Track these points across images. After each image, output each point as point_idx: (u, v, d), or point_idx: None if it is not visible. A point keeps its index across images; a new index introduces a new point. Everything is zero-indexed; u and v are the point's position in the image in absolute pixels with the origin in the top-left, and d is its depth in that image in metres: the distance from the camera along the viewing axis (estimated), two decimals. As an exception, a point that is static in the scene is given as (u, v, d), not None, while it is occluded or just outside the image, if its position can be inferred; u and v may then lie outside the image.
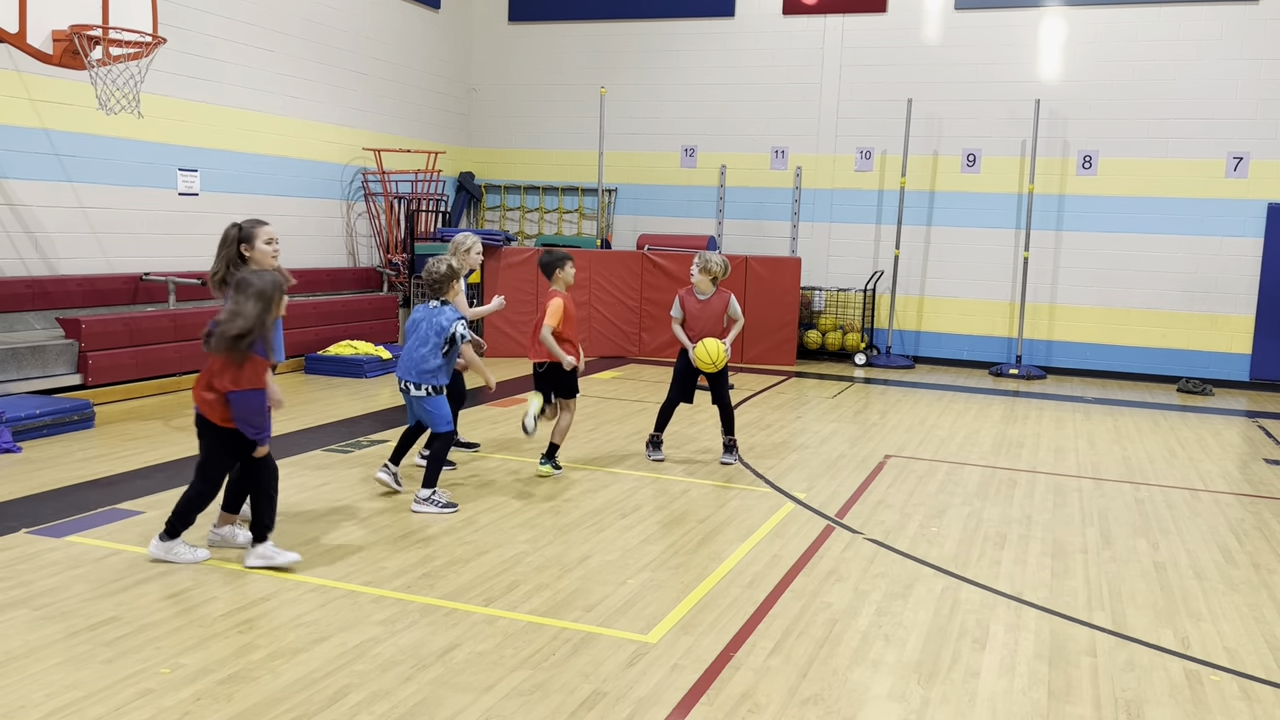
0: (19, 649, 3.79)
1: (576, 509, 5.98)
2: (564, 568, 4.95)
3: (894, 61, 13.47)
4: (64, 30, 6.85)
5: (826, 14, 13.73)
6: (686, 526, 5.73)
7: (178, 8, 9.81)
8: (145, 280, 9.69)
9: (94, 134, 9.29)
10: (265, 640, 3.96)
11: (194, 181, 10.50)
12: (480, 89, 15.45)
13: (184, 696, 3.48)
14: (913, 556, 5.37)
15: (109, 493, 5.91)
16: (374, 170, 12.94)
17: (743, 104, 14.18)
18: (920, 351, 13.66)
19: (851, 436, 8.54)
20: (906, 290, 13.65)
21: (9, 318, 8.54)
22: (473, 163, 15.42)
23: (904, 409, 10.06)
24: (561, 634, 4.15)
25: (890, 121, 13.48)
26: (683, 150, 14.54)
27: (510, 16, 15.21)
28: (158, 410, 8.38)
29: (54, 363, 8.25)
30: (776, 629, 4.30)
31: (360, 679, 3.67)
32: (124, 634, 3.96)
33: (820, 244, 13.99)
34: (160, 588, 4.46)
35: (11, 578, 4.51)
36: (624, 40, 14.67)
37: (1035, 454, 8.17)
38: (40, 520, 5.33)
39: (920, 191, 13.50)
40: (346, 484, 6.33)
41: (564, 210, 15.16)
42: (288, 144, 11.79)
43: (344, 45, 12.63)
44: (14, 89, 8.57)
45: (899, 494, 6.68)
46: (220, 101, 10.77)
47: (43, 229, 8.96)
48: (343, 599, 4.42)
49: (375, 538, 5.30)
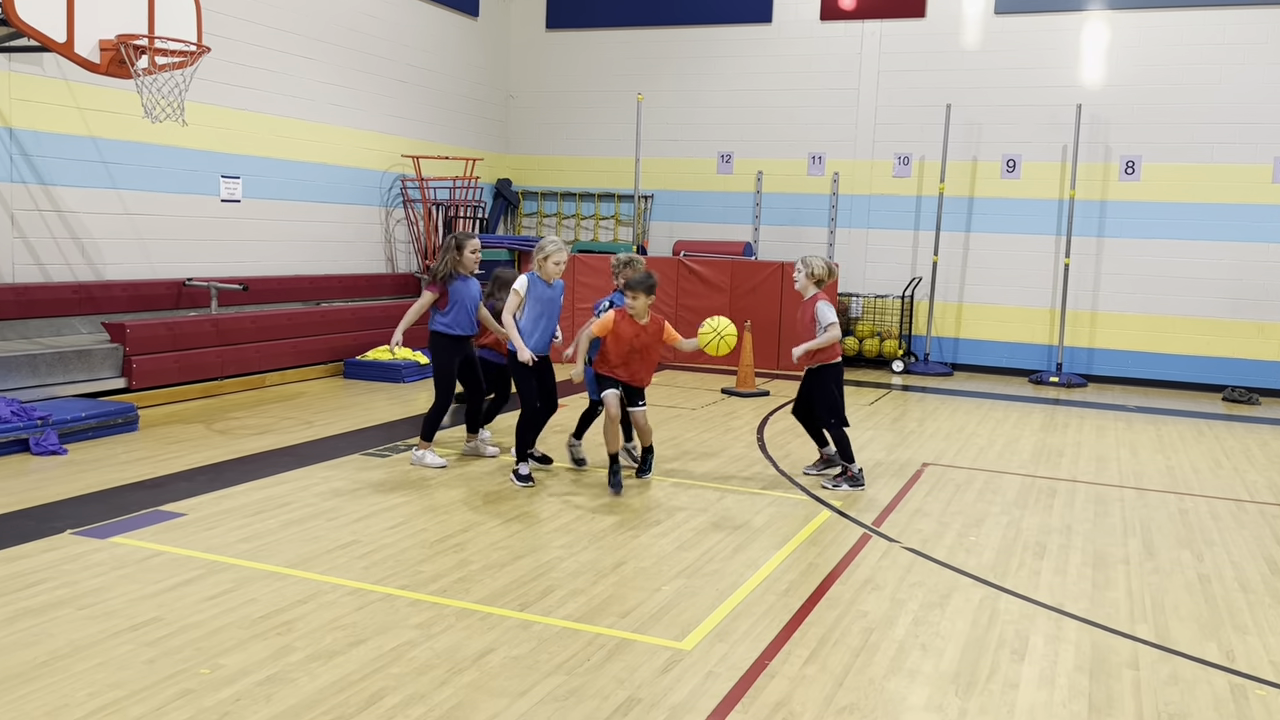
0: (63, 648, 3.86)
1: (612, 515, 5.98)
2: (598, 573, 4.95)
3: (932, 67, 13.37)
4: (111, 40, 6.98)
5: (864, 19, 13.66)
6: (721, 533, 5.71)
7: (222, 17, 9.96)
8: (188, 286, 9.84)
9: (139, 142, 9.46)
10: (303, 642, 4.00)
11: (236, 188, 10.65)
12: (518, 96, 15.53)
13: (223, 697, 3.52)
14: (950, 566, 5.31)
15: (152, 495, 6.01)
16: (413, 177, 13.05)
17: (780, 110, 14.14)
18: (959, 359, 13.54)
19: (889, 444, 8.48)
20: (945, 297, 13.53)
21: (56, 322, 8.71)
22: (510, 169, 15.51)
23: (942, 416, 9.96)
24: (596, 640, 4.15)
25: (928, 127, 13.38)
26: (719, 156, 14.52)
27: (548, 24, 15.28)
28: (199, 413, 8.50)
29: (99, 366, 8.39)
30: (812, 637, 4.28)
31: (396, 682, 3.70)
32: (165, 634, 4.02)
33: (857, 250, 13.91)
34: (201, 589, 4.52)
35: (57, 578, 4.59)
36: (661, 47, 14.69)
37: (1076, 463, 8.06)
38: (85, 521, 5.43)
39: (959, 197, 13.39)
40: (384, 488, 6.38)
41: (600, 216, 15.20)
42: (328, 151, 11.93)
43: (384, 53, 12.76)
44: (62, 98, 8.75)
45: (937, 502, 6.62)
46: (262, 109, 10.92)
47: (89, 235, 9.13)
48: (379, 602, 4.46)
49: (412, 542, 5.34)
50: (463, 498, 6.22)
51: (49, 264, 8.78)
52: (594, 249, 14.05)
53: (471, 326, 6.96)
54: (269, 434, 7.84)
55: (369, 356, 10.84)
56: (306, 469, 6.78)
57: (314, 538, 5.31)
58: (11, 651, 3.80)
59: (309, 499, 6.06)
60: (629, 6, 14.81)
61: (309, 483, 6.44)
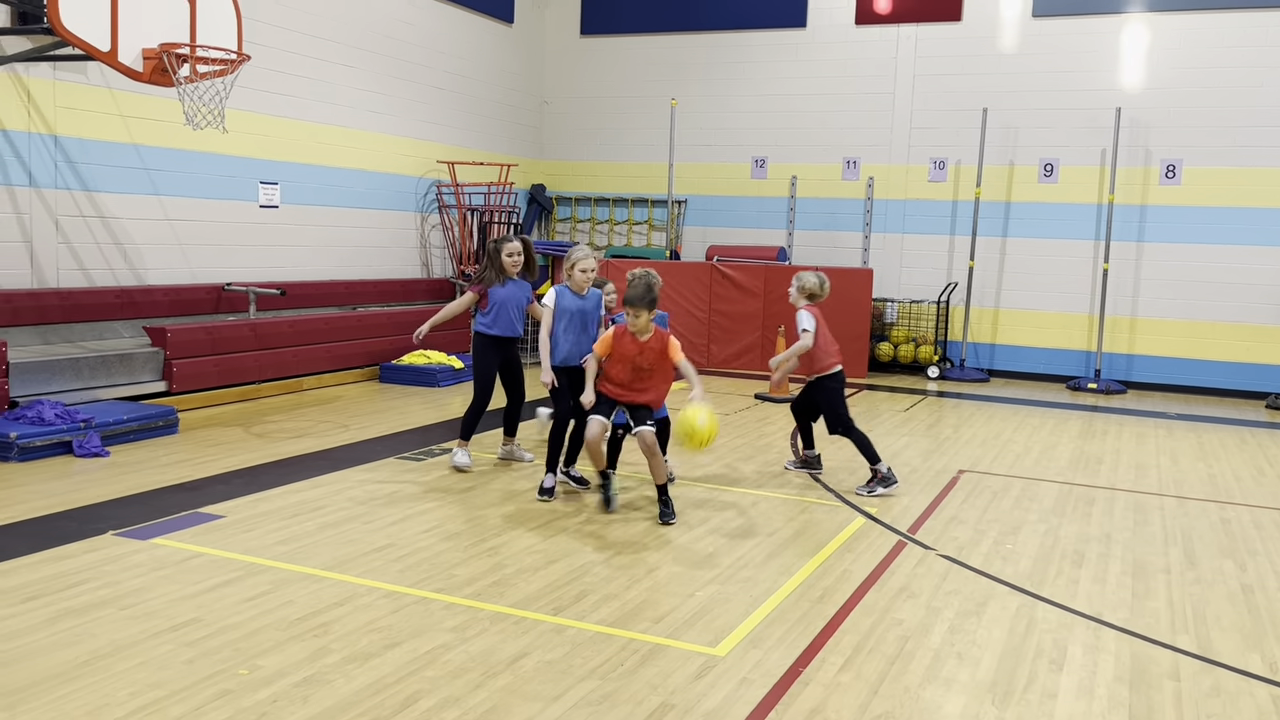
0: (105, 648, 3.92)
1: (644, 521, 5.98)
2: (632, 578, 4.95)
3: (969, 70, 13.27)
4: (154, 49, 7.10)
5: (900, 23, 13.58)
6: (755, 539, 5.70)
7: (261, 25, 10.09)
8: (227, 290, 9.97)
9: (180, 148, 9.60)
10: (339, 644, 4.03)
11: (274, 194, 10.78)
12: (552, 102, 15.60)
13: (261, 698, 3.56)
14: (987, 574, 5.26)
15: (191, 497, 6.09)
16: (448, 183, 13.15)
17: (814, 114, 14.09)
18: (995, 365, 13.40)
19: (924, 450, 8.41)
20: (981, 302, 13.41)
21: (99, 326, 8.85)
22: (544, 175, 15.57)
23: (978, 423, 9.87)
24: (630, 645, 4.15)
25: (964, 131, 13.28)
26: (753, 161, 14.50)
27: (583, 30, 15.34)
28: (238, 417, 8.61)
29: (140, 370, 8.52)
30: (847, 645, 4.25)
31: (431, 685, 3.72)
32: (204, 635, 4.07)
33: (893, 255, 13.83)
34: (239, 590, 4.57)
35: (99, 578, 4.67)
36: (695, 52, 14.70)
37: (1115, 470, 7.95)
38: (127, 522, 5.51)
39: (995, 202, 13.27)
40: (419, 491, 6.42)
41: (634, 222, 15.22)
42: (365, 157, 12.04)
43: (420, 60, 12.86)
44: (106, 106, 8.90)
45: (973, 510, 6.56)
46: (300, 116, 11.05)
47: (131, 240, 9.28)
48: (414, 605, 4.48)
49: (447, 545, 5.37)
50: (497, 502, 6.25)
51: (92, 269, 8.93)
52: (627, 254, 14.07)
53: (513, 328, 6.97)
54: (306, 437, 7.92)
55: (404, 361, 10.92)
56: (342, 472, 6.85)
57: (350, 541, 5.36)
58: (54, 651, 3.87)
59: (345, 502, 6.12)
60: (663, 12, 14.83)
61: (345, 486, 6.49)
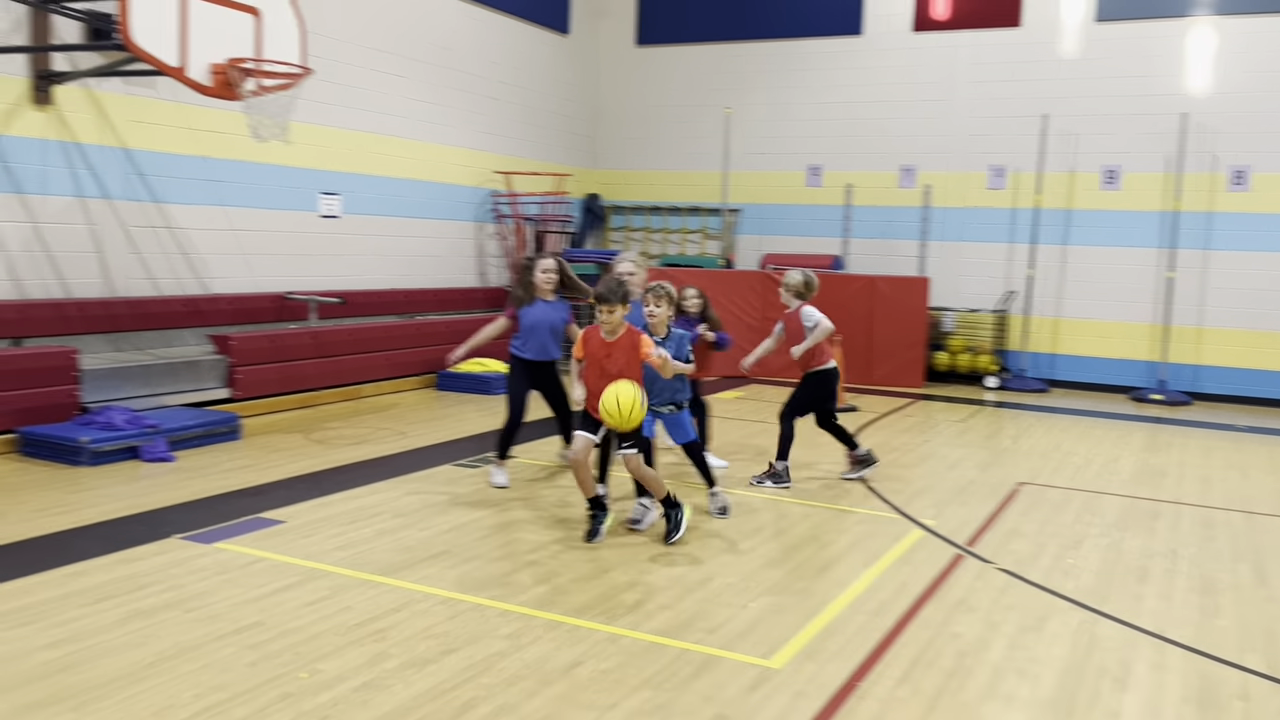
0: (170, 650, 4.01)
1: (699, 529, 5.97)
2: (685, 588, 4.95)
3: (1029, 76, 13.08)
4: (221, 63, 7.28)
5: (958, 30, 13.44)
6: (809, 551, 5.66)
7: (322, 39, 10.29)
8: (288, 299, 10.16)
9: (244, 160, 9.82)
10: (398, 650, 4.08)
11: (335, 204, 10.98)
12: (607, 112, 15.68)
13: (321, 701, 3.62)
14: (1047, 588, 5.17)
15: (253, 502, 6.21)
16: (504, 193, 13.27)
17: (870, 122, 13.99)
18: (1055, 375, 13.17)
19: (982, 462, 8.29)
20: (1041, 311, 13.19)
21: (167, 334, 9.08)
22: (598, 184, 15.65)
23: (1037, 434, 9.70)
24: (683, 655, 4.14)
25: (1024, 138, 13.08)
26: (808, 169, 14.43)
27: (638, 40, 15.41)
28: (298, 423, 8.76)
29: (205, 377, 8.73)
30: (904, 659, 4.20)
31: (487, 692, 3.75)
32: (266, 638, 4.15)
33: (950, 263, 13.66)
34: (299, 595, 4.65)
35: (165, 581, 4.78)
36: (750, 61, 14.68)
37: (1180, 484, 7.76)
38: (191, 526, 5.64)
39: (1056, 209, 13.05)
40: (475, 498, 6.48)
41: (687, 230, 15.23)
42: (423, 168, 12.21)
43: (476, 71, 13.02)
44: (175, 119, 9.14)
45: (1032, 523, 6.45)
46: (360, 127, 11.24)
47: (197, 250, 9.51)
48: (470, 612, 4.52)
49: (502, 552, 5.41)
50: (552, 509, 6.28)
51: (160, 278, 9.16)
52: (681, 263, 14.08)
53: (545, 352, 6.79)
54: (364, 444, 8.04)
55: (460, 369, 11.03)
56: (400, 479, 6.93)
57: (407, 547, 5.42)
58: (122, 651, 3.97)
59: (402, 508, 6.19)
60: (719, 21, 14.84)
61: (402, 492, 6.58)
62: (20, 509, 5.86)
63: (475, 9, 12.97)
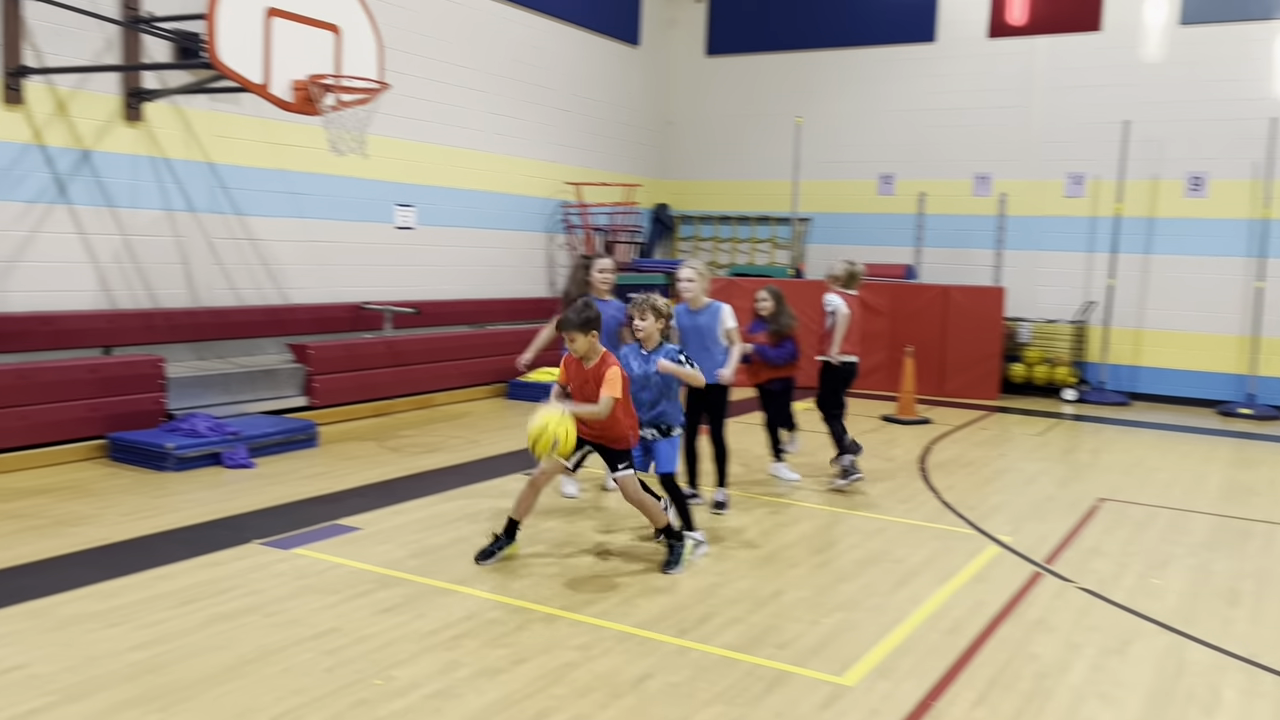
0: (251, 653, 4.10)
1: (769, 543, 5.93)
2: (756, 602, 4.91)
3: (1109, 81, 12.77)
4: (302, 80, 7.46)
5: (1035, 34, 13.19)
6: (882, 566, 5.58)
7: (397, 54, 10.46)
8: (364, 309, 10.35)
9: (323, 173, 10.04)
10: (470, 658, 4.12)
11: (410, 216, 11.17)
12: (676, 122, 15.71)
13: (395, 709, 3.67)
14: (1131, 610, 5.02)
15: (330, 509, 6.33)
16: (574, 203, 13.36)
17: (943, 129, 13.79)
18: (1137, 387, 12.80)
19: (1060, 477, 8.09)
20: (1122, 322, 12.84)
21: (248, 343, 9.32)
22: (668, 194, 15.67)
23: (1118, 449, 9.44)
24: (755, 670, 4.11)
25: (1104, 145, 12.77)
26: (879, 178, 14.27)
27: (708, 50, 15.42)
28: (373, 431, 8.91)
29: (284, 385, 8.93)
30: (980, 679, 4.11)
31: (559, 703, 3.76)
32: (342, 644, 4.22)
33: (1026, 273, 13.38)
34: (374, 602, 4.72)
35: (245, 585, 4.89)
36: (821, 69, 14.58)
37: (1273, 502, 7.48)
38: (270, 532, 5.77)
39: (1137, 218, 12.70)
40: (545, 508, 6.51)
41: (756, 240, 15.16)
42: (495, 180, 12.36)
43: (548, 83, 13.15)
44: (258, 134, 9.39)
45: (1114, 541, 6.27)
46: (434, 140, 11.42)
47: (278, 261, 9.75)
48: (541, 622, 4.55)
49: (573, 563, 5.43)
50: (621, 519, 6.29)
51: (242, 289, 9.41)
52: (750, 272, 14.01)
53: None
54: (437, 452, 8.15)
55: (531, 377, 11.09)
56: (472, 486, 7.01)
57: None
58: (206, 654, 4.07)
59: (475, 516, 6.25)
60: (789, 30, 14.77)
61: (475, 500, 6.64)
62: (110, 513, 6.06)
63: (549, 23, 13.10)
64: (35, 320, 7.63)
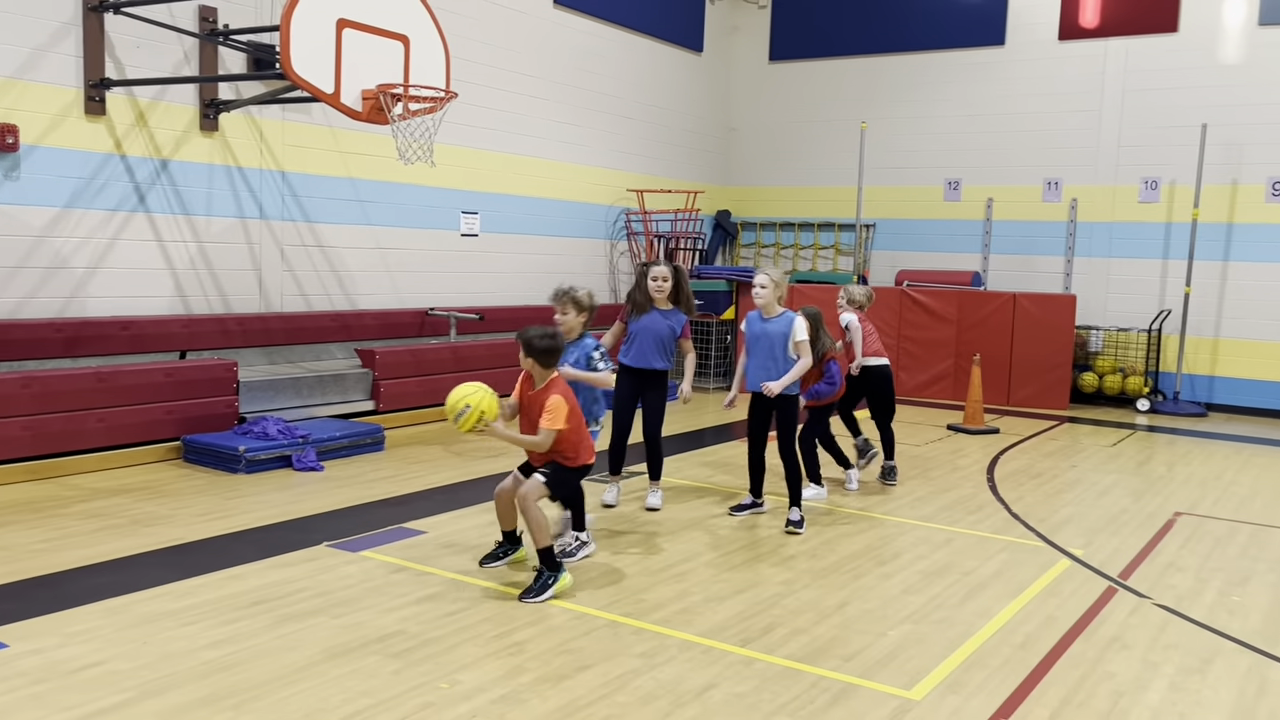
0: (319, 655, 4.16)
1: (833, 553, 5.86)
2: (821, 613, 4.86)
3: (1186, 84, 12.44)
4: (371, 89, 7.58)
5: (1108, 37, 12.90)
6: (950, 578, 5.48)
7: (465, 63, 10.60)
8: (430, 315, 10.48)
9: (390, 181, 10.20)
10: (534, 664, 4.13)
11: (475, 223, 11.29)
12: (738, 128, 15.66)
13: (461, 712, 3.69)
14: (1211, 628, 4.86)
15: (397, 512, 6.41)
16: (636, 210, 13.39)
17: (1012, 134, 13.56)
18: (1214, 398, 12.43)
19: (1135, 489, 7.88)
20: (1198, 331, 12.48)
21: (317, 348, 9.49)
22: (730, 201, 15.63)
23: (1195, 461, 9.17)
24: (820, 682, 4.06)
25: (1180, 149, 12.44)
26: (946, 183, 14.07)
27: (771, 56, 15.35)
28: (438, 436, 9.01)
29: (352, 389, 9.07)
30: (1053, 697, 4.02)
31: (622, 710, 3.75)
32: (409, 647, 4.26)
33: (1098, 280, 13.08)
34: (439, 606, 4.76)
35: (314, 587, 4.97)
36: (886, 74, 14.43)
37: (1359, 519, 7.21)
38: (339, 535, 5.85)
39: (1215, 224, 12.34)
40: (607, 514, 6.52)
41: (819, 246, 15.05)
42: (559, 187, 12.44)
43: (612, 91, 13.20)
44: (327, 143, 9.57)
45: (1192, 556, 6.08)
46: (499, 148, 11.53)
47: (346, 268, 9.91)
48: (604, 629, 4.55)
49: (635, 569, 5.43)
50: (684, 528, 6.27)
51: (311, 294, 9.59)
52: (813, 279, 13.92)
53: (645, 359, 6.54)
54: (501, 457, 8.19)
55: (592, 384, 11.14)
56: (535, 493, 7.03)
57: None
58: (276, 655, 4.14)
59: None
60: (854, 35, 14.65)
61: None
62: (184, 513, 6.20)
63: (613, 31, 13.16)
64: (115, 325, 7.86)
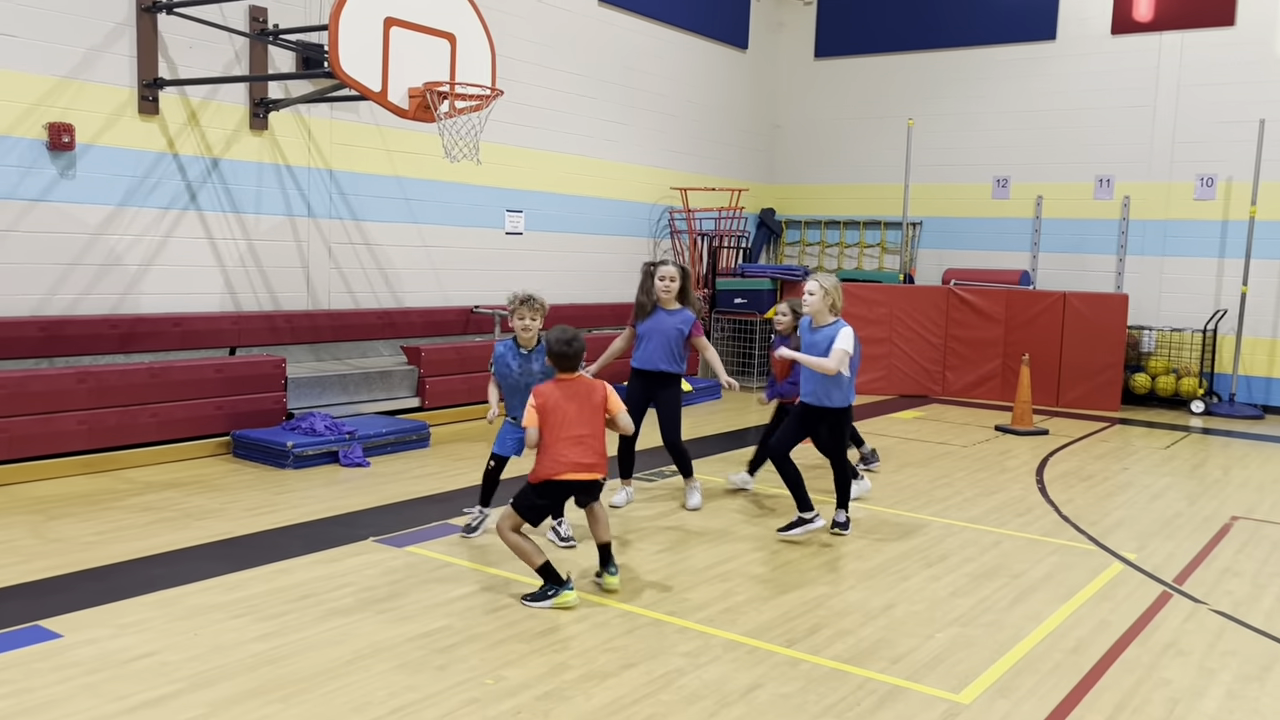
0: (365, 649, 4.19)
1: (879, 554, 5.80)
2: (867, 614, 4.80)
3: (1243, 79, 12.16)
4: (418, 88, 7.62)
5: (1163, 31, 12.64)
6: (999, 581, 5.40)
7: (510, 61, 10.63)
8: (475, 313, 10.53)
9: (436, 180, 10.27)
10: (578, 661, 4.13)
11: (519, 222, 11.33)
12: (783, 125, 15.57)
13: (505, 709, 3.70)
14: (1270, 634, 4.74)
15: (442, 508, 6.44)
16: (680, 208, 13.36)
17: (1062, 131, 13.33)
18: (1271, 400, 12.13)
19: (1189, 493, 7.72)
20: (1255, 331, 12.19)
21: (363, 345, 9.58)
22: (774, 199, 15.54)
23: (1252, 465, 8.95)
24: (866, 684, 4.02)
25: (1237, 145, 12.16)
26: (994, 181, 13.88)
27: (817, 53, 15.24)
28: (482, 433, 9.05)
29: (397, 386, 9.14)
30: (1106, 703, 3.93)
31: (666, 709, 3.74)
32: (454, 643, 4.28)
33: (1150, 279, 12.83)
34: (484, 601, 4.78)
35: (361, 581, 5.01)
36: (933, 70, 14.26)
37: None
38: (385, 530, 5.90)
39: (1273, 222, 12.05)
40: (652, 512, 6.51)
41: (865, 245, 14.91)
42: (603, 185, 12.45)
43: (656, 89, 13.17)
44: (374, 141, 9.65)
45: (1250, 561, 5.94)
46: (544, 147, 11.56)
47: (392, 266, 9.99)
48: (648, 627, 4.53)
49: (679, 568, 5.41)
50: (727, 527, 6.24)
51: (358, 292, 9.68)
52: (858, 277, 13.79)
53: (651, 361, 6.44)
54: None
55: (636, 382, 11.14)
56: (578, 491, 7.02)
57: (587, 558, 5.48)
58: (323, 649, 4.18)
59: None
60: (901, 31, 14.50)
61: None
62: (234, 507, 6.28)
63: (658, 29, 13.14)
64: (166, 321, 7.98)
